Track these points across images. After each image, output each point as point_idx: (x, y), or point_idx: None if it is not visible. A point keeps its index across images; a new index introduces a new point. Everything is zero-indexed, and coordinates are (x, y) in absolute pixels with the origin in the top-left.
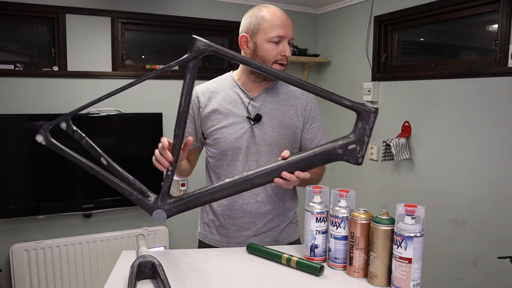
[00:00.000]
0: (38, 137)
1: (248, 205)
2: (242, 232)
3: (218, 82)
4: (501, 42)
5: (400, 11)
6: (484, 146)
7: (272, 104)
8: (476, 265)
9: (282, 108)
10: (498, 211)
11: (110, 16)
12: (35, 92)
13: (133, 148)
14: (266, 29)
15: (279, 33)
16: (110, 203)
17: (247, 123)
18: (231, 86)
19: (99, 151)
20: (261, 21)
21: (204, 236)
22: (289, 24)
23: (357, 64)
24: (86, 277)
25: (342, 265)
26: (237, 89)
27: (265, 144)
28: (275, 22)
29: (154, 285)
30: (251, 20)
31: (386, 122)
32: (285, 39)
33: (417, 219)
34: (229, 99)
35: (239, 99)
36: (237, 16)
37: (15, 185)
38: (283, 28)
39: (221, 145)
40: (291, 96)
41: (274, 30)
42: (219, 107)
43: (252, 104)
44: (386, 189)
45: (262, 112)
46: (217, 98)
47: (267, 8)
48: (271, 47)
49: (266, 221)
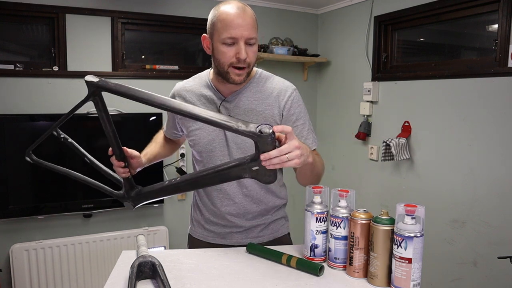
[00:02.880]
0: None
1: (227, 206)
2: (226, 229)
3: (195, 80)
4: (501, 42)
5: (400, 11)
6: (484, 146)
7: (245, 105)
8: (476, 265)
9: (257, 108)
10: (498, 211)
11: (110, 16)
12: (35, 92)
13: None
14: (219, 29)
15: (230, 34)
16: (110, 203)
17: None
18: (205, 86)
19: (83, 152)
20: (216, 20)
21: (194, 232)
22: (245, 23)
23: (357, 64)
24: (86, 277)
25: (342, 265)
26: (211, 89)
27: (238, 147)
28: (227, 22)
29: (154, 285)
30: (210, 19)
31: (386, 122)
32: (239, 40)
33: (417, 219)
34: (202, 100)
35: (212, 100)
36: None
37: (15, 185)
38: (236, 28)
39: (197, 147)
40: (267, 95)
41: (225, 31)
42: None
43: (224, 105)
44: (386, 189)
45: (235, 114)
46: (192, 98)
47: (224, 6)
48: (225, 49)
49: (248, 219)
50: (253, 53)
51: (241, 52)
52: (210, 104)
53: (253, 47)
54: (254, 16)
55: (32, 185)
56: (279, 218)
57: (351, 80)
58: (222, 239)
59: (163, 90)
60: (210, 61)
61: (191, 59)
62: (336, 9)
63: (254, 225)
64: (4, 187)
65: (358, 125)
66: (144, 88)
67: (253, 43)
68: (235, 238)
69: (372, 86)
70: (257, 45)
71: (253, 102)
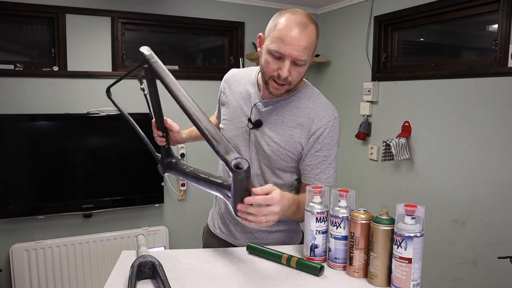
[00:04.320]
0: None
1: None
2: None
3: (246, 73)
4: (501, 42)
5: (400, 11)
6: (484, 146)
7: (278, 115)
8: (476, 265)
9: (288, 123)
10: (498, 211)
11: (110, 16)
12: (35, 92)
13: (133, 148)
14: (272, 38)
15: (278, 49)
16: (110, 203)
17: (248, 124)
18: (251, 82)
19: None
20: (274, 26)
21: (212, 225)
22: (298, 43)
23: (357, 64)
24: (86, 277)
25: (342, 265)
26: (255, 87)
27: (257, 152)
28: (281, 35)
29: (154, 285)
30: (271, 21)
31: (386, 122)
32: (286, 58)
33: (417, 219)
34: (243, 94)
35: (251, 98)
36: (237, 16)
37: (15, 185)
38: (287, 44)
39: (224, 135)
40: (302, 114)
41: (276, 43)
42: (232, 99)
43: (258, 107)
44: (386, 189)
45: (265, 120)
46: (237, 89)
47: (289, 15)
48: (270, 60)
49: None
50: (297, 73)
51: (283, 70)
52: (247, 100)
53: (300, 68)
54: (314, 34)
55: (32, 185)
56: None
57: (351, 80)
58: (228, 237)
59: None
60: (211, 61)
61: (191, 59)
62: (336, 9)
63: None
64: (4, 187)
65: (358, 125)
66: None
67: (301, 64)
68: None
69: (372, 86)
70: (307, 66)
71: (286, 116)
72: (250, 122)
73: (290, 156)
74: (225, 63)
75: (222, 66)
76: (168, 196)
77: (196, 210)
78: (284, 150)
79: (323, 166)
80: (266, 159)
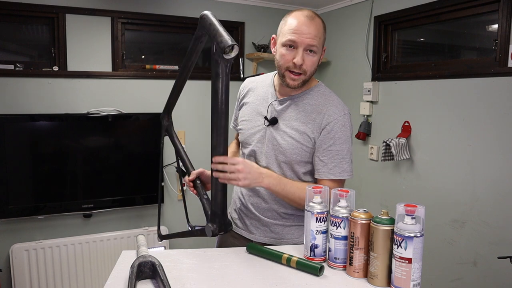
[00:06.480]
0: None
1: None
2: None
3: (262, 78)
4: (501, 42)
5: (400, 11)
6: (484, 146)
7: (293, 112)
8: (476, 265)
9: (301, 119)
10: (498, 211)
11: (110, 16)
12: (35, 92)
13: (133, 148)
14: (284, 32)
15: (291, 38)
16: (110, 203)
17: (264, 122)
18: (268, 85)
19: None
20: (284, 24)
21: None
22: (309, 31)
23: (357, 64)
24: (86, 277)
25: (342, 265)
26: (271, 88)
27: (273, 148)
28: (292, 27)
29: (154, 285)
30: (281, 22)
31: (386, 122)
32: (299, 46)
33: (417, 219)
34: (261, 96)
35: (268, 98)
36: (238, 16)
37: (15, 185)
38: (298, 33)
39: (242, 136)
40: (314, 110)
41: (287, 34)
42: (251, 101)
43: (273, 105)
44: (386, 189)
45: (280, 117)
46: (254, 93)
47: (296, 12)
48: (284, 52)
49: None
50: (311, 62)
51: (298, 57)
52: (264, 100)
53: (313, 57)
54: (321, 26)
55: (32, 185)
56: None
57: (351, 80)
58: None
59: (163, 90)
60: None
61: None
62: (336, 9)
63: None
64: (4, 187)
65: (358, 125)
66: (144, 88)
67: (313, 52)
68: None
69: (372, 86)
70: (319, 55)
71: (300, 112)
72: (266, 120)
73: (305, 150)
74: None
75: None
76: (168, 196)
77: (196, 210)
78: (299, 144)
79: (337, 161)
80: (282, 154)
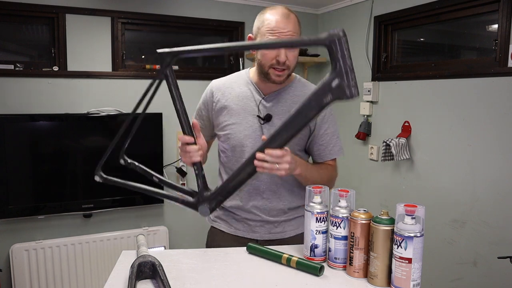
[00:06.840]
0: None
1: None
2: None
3: (233, 78)
4: (501, 42)
5: (400, 11)
6: (484, 146)
7: (284, 106)
8: (476, 265)
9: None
10: (498, 211)
11: (110, 16)
12: (35, 92)
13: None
14: (263, 32)
15: (271, 38)
16: (110, 203)
17: (257, 122)
18: (245, 83)
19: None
20: (261, 24)
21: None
22: (288, 28)
23: (357, 64)
24: (86, 277)
25: (342, 265)
26: (251, 86)
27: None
28: (270, 26)
29: (154, 285)
30: (256, 21)
31: (386, 122)
32: None
33: (417, 219)
34: (242, 96)
35: (252, 97)
36: (238, 16)
37: (15, 185)
38: (277, 32)
39: (231, 141)
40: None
41: (267, 34)
42: (231, 103)
43: (263, 103)
44: (386, 189)
45: (273, 113)
46: (231, 94)
47: (271, 10)
48: (266, 51)
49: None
50: (293, 57)
51: (281, 55)
52: (249, 100)
53: (294, 51)
54: (297, 22)
55: (32, 185)
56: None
57: None
58: (245, 233)
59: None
60: (211, 61)
61: (191, 59)
62: (336, 9)
63: (278, 221)
64: (4, 187)
65: (358, 125)
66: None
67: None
68: (258, 232)
69: (372, 86)
70: (298, 50)
71: (290, 105)
72: (261, 118)
73: (303, 139)
74: (225, 63)
75: (222, 66)
76: None
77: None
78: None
79: (334, 141)
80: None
